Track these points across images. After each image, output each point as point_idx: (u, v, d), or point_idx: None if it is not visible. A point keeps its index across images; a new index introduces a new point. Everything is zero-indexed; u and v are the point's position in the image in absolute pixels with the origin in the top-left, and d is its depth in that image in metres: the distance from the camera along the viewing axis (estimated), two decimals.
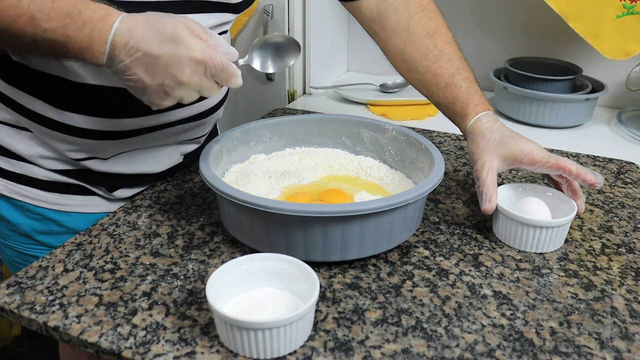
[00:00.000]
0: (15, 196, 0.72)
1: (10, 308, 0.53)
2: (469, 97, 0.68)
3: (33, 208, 0.73)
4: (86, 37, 0.50)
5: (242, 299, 0.51)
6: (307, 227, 0.56)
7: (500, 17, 1.32)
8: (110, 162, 0.73)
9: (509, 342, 0.50)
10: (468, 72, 0.71)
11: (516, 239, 0.63)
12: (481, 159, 0.64)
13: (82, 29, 0.50)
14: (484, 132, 0.65)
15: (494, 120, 0.66)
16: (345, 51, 1.53)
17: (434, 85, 0.71)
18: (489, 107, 0.68)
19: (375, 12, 0.75)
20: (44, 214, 0.73)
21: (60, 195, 0.73)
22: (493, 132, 0.65)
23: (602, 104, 1.26)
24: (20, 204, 0.72)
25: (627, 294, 0.57)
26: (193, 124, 0.76)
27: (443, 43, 0.72)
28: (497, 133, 0.64)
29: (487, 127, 0.65)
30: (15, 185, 0.71)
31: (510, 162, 0.64)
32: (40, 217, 0.73)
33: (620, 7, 1.03)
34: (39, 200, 0.72)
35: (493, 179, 0.63)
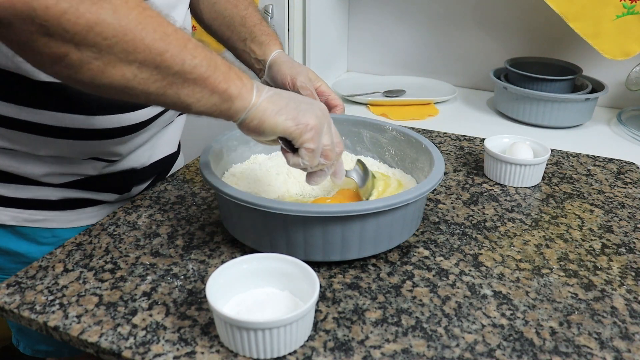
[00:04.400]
0: (25, 223, 0.70)
1: (10, 308, 0.53)
2: (275, 35, 0.81)
3: (43, 233, 0.72)
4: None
5: (242, 299, 0.51)
6: (307, 227, 0.56)
7: (500, 17, 1.32)
8: (122, 161, 0.73)
9: (509, 342, 0.50)
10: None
11: (505, 176, 0.80)
12: (301, 74, 0.75)
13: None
14: (292, 60, 0.78)
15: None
16: (345, 51, 1.53)
17: (240, 25, 0.80)
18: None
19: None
20: (58, 235, 0.72)
21: (71, 212, 0.73)
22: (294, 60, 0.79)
23: (602, 104, 1.27)
24: (29, 232, 0.71)
25: (627, 294, 0.57)
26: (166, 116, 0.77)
27: (248, 3, 0.83)
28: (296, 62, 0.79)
29: (287, 58, 0.79)
30: (24, 212, 0.70)
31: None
32: (53, 240, 0.72)
33: (620, 7, 1.03)
34: (50, 221, 0.72)
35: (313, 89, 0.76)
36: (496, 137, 0.84)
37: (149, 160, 0.78)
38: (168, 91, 0.48)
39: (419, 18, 1.41)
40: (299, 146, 0.55)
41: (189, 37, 0.49)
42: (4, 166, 0.67)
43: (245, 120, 0.53)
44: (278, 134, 0.54)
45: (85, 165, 0.70)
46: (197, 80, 0.49)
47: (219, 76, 0.50)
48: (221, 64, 0.51)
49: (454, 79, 1.42)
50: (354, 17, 1.48)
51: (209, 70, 0.49)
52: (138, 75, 0.46)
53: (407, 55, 1.46)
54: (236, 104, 0.52)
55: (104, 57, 0.44)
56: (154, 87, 0.47)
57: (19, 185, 0.68)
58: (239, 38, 0.80)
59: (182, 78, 0.48)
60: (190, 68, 0.48)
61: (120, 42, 0.43)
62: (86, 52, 0.43)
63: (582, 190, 0.79)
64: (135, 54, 0.45)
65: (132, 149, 0.74)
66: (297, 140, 0.54)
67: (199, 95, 0.50)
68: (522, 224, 0.70)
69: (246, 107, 0.52)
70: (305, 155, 0.55)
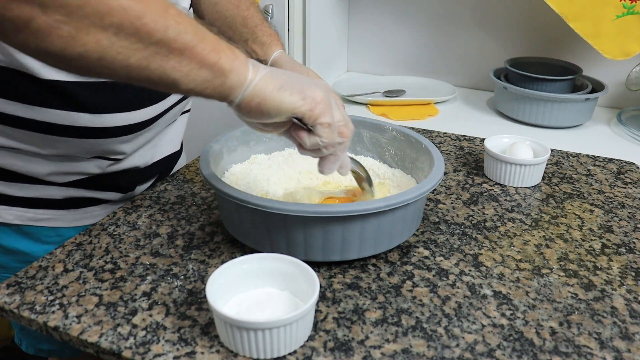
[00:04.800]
0: (29, 223, 0.70)
1: (10, 308, 0.53)
2: (277, 35, 0.80)
3: (48, 232, 0.72)
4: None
5: (242, 299, 0.51)
6: (307, 227, 0.56)
7: (500, 17, 1.32)
8: (126, 159, 0.73)
9: (509, 342, 0.50)
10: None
11: (505, 176, 0.80)
12: (301, 75, 0.75)
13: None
14: (293, 61, 0.77)
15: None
16: (345, 51, 1.53)
17: (242, 26, 0.80)
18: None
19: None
20: (62, 234, 0.72)
21: (76, 211, 0.73)
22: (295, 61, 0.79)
23: (602, 104, 1.27)
24: (33, 231, 0.71)
25: (627, 294, 0.57)
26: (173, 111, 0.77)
27: (250, 4, 0.83)
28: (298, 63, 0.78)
29: (289, 58, 0.78)
30: (29, 211, 0.70)
31: None
32: (57, 239, 0.72)
33: (620, 7, 1.03)
34: (55, 220, 0.72)
35: None
36: (496, 137, 0.84)
37: (152, 159, 0.79)
38: (151, 64, 0.43)
39: (419, 18, 1.41)
40: (313, 123, 0.50)
41: (170, 3, 0.44)
42: (9, 165, 0.67)
43: (244, 99, 0.48)
44: (284, 113, 0.49)
45: (89, 164, 0.70)
46: (183, 50, 0.43)
47: (207, 46, 0.45)
48: (208, 34, 0.46)
49: (454, 79, 1.42)
50: (354, 17, 1.48)
51: (195, 39, 0.44)
52: (116, 42, 0.41)
53: (407, 55, 1.46)
54: (230, 78, 0.46)
55: (75, 21, 0.39)
56: (134, 58, 0.42)
57: (23, 184, 0.68)
58: (240, 38, 0.80)
59: (166, 47, 0.43)
60: (175, 35, 0.42)
61: (92, 3, 0.38)
62: (54, 16, 0.38)
63: (582, 190, 0.79)
64: (110, 17, 0.39)
65: (137, 148, 0.74)
66: (309, 116, 0.49)
67: (186, 68, 0.44)
68: (522, 224, 0.70)
69: (243, 82, 0.47)
70: (323, 131, 0.50)
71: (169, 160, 0.83)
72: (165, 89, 0.46)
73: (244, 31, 0.80)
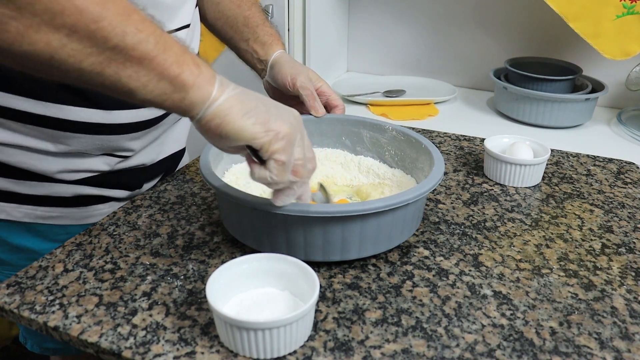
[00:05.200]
0: (39, 220, 0.70)
1: (10, 308, 0.53)
2: (278, 35, 0.81)
3: (56, 229, 0.72)
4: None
5: (242, 299, 0.51)
6: (307, 227, 0.56)
7: (500, 17, 1.32)
8: (135, 156, 0.74)
9: (509, 342, 0.50)
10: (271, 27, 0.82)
11: (505, 176, 0.80)
12: (301, 74, 0.76)
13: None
14: (294, 60, 0.79)
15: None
16: (345, 51, 1.53)
17: (243, 26, 0.80)
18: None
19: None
20: (70, 232, 0.72)
21: (84, 209, 0.73)
22: (295, 60, 0.80)
23: (602, 104, 1.27)
24: (42, 229, 0.71)
25: (627, 294, 0.57)
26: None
27: (252, 4, 0.83)
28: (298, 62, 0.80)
29: (289, 58, 0.79)
30: (38, 209, 0.70)
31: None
32: (65, 237, 0.72)
33: (620, 7, 1.03)
34: (64, 218, 0.72)
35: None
36: (496, 137, 0.84)
37: (157, 157, 0.79)
38: (106, 70, 0.41)
39: (419, 18, 1.41)
40: (268, 157, 0.48)
41: (135, 8, 0.42)
42: (19, 163, 0.67)
43: (203, 117, 0.45)
44: (243, 140, 0.47)
45: (98, 161, 0.70)
46: (141, 59, 0.41)
47: (169, 57, 0.43)
48: (174, 45, 0.44)
49: (454, 79, 1.42)
50: (354, 17, 1.48)
51: (157, 49, 0.42)
52: (67, 44, 0.39)
53: (407, 55, 1.46)
54: (191, 94, 0.44)
55: (24, 18, 0.37)
56: (87, 62, 0.40)
57: (33, 182, 0.68)
58: (241, 38, 0.81)
59: (122, 55, 0.40)
60: (133, 43, 0.40)
61: (45, 0, 0.37)
62: (2, 9, 0.36)
63: (582, 190, 0.79)
64: (62, 17, 0.38)
65: (145, 145, 0.74)
66: (265, 149, 0.47)
67: (144, 79, 0.42)
68: (522, 224, 0.70)
69: (205, 100, 0.45)
70: (274, 168, 0.48)
71: (174, 159, 0.84)
72: (121, 97, 0.44)
73: (245, 31, 0.80)
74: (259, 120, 0.46)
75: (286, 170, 0.49)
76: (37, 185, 0.69)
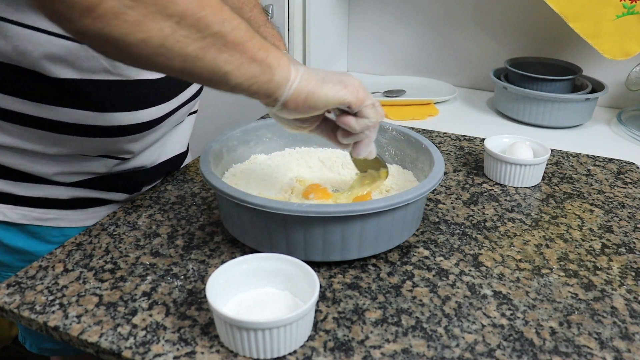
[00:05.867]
0: (35, 222, 0.70)
1: (10, 308, 0.53)
2: (279, 36, 0.80)
3: (53, 232, 0.72)
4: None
5: (242, 299, 0.51)
6: (307, 227, 0.56)
7: (500, 17, 1.32)
8: (134, 159, 0.74)
9: (509, 342, 0.50)
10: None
11: (505, 176, 0.80)
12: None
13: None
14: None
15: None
16: (345, 51, 1.53)
17: None
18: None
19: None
20: (67, 234, 0.72)
21: (82, 211, 0.73)
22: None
23: (602, 104, 1.26)
24: (39, 231, 0.71)
25: (627, 294, 0.57)
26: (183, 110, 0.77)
27: (253, 5, 0.82)
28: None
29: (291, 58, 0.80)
30: (35, 211, 0.69)
31: None
32: (62, 239, 0.72)
33: (620, 7, 1.03)
34: (61, 220, 0.72)
35: None
36: (496, 137, 0.84)
37: (158, 159, 0.79)
38: (207, 54, 0.45)
39: (419, 18, 1.41)
40: (360, 107, 0.53)
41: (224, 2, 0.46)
42: (16, 165, 0.66)
43: (291, 95, 0.50)
44: (332, 103, 0.52)
45: (96, 164, 0.70)
46: (236, 44, 0.45)
47: (256, 43, 0.47)
48: (256, 34, 0.48)
49: (454, 79, 1.42)
50: (354, 17, 1.48)
51: (246, 36, 0.46)
52: (177, 31, 0.42)
53: (407, 55, 1.46)
54: (277, 74, 0.48)
55: (141, 7, 0.40)
56: (192, 47, 0.44)
57: (30, 184, 0.68)
58: None
59: (221, 40, 0.44)
60: (230, 29, 0.45)
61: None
62: (123, 0, 0.39)
63: (582, 190, 0.79)
64: (174, 6, 0.41)
65: (144, 147, 0.74)
66: (355, 102, 0.53)
67: (237, 62, 0.46)
68: (522, 224, 0.70)
69: (288, 79, 0.49)
70: (369, 112, 0.54)
71: (175, 161, 0.83)
72: (214, 83, 0.48)
73: None
74: (335, 82, 0.52)
75: (377, 110, 0.55)
76: (34, 187, 0.69)
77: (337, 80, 0.52)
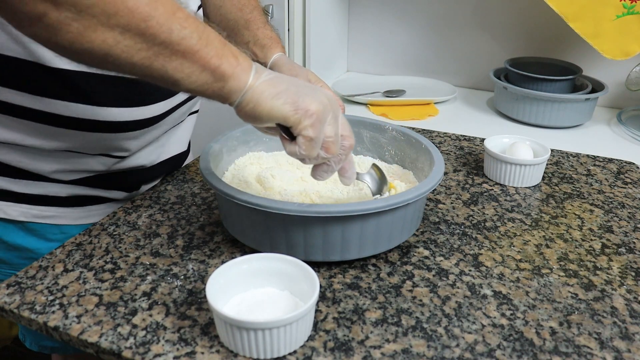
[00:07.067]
0: (34, 219, 0.70)
1: (10, 308, 0.53)
2: (278, 38, 0.81)
3: (52, 229, 0.72)
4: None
5: (242, 299, 0.51)
6: (307, 227, 0.56)
7: (500, 17, 1.32)
8: (132, 157, 0.74)
9: (509, 342, 0.50)
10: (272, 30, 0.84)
11: (505, 176, 0.80)
12: (300, 76, 0.74)
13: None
14: (292, 63, 0.78)
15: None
16: (345, 51, 1.53)
17: (244, 29, 0.81)
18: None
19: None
20: (66, 232, 0.72)
21: (81, 209, 0.73)
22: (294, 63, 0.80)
23: (602, 104, 1.27)
24: (38, 228, 0.71)
25: (627, 294, 0.57)
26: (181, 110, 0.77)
27: (253, 7, 0.84)
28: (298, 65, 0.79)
29: (288, 61, 0.79)
30: (34, 208, 0.70)
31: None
32: (61, 237, 0.72)
33: (620, 7, 1.03)
34: (59, 217, 0.72)
35: None
36: (496, 137, 0.84)
37: (158, 159, 0.79)
38: (154, 63, 0.45)
39: (419, 18, 1.41)
40: (297, 134, 0.51)
41: (179, 6, 0.46)
42: (15, 162, 0.67)
43: (240, 103, 0.50)
44: (274, 119, 0.50)
45: (94, 161, 0.70)
46: (185, 53, 0.45)
47: (210, 51, 0.47)
48: (215, 39, 0.47)
49: (454, 79, 1.42)
50: (354, 17, 1.48)
51: (199, 44, 0.46)
52: (121, 42, 0.43)
53: (407, 55, 1.46)
54: (230, 84, 0.48)
55: (84, 19, 0.41)
56: (138, 56, 0.44)
57: (29, 181, 0.69)
58: (242, 41, 0.81)
59: (169, 49, 0.45)
60: (179, 39, 0.44)
61: (100, 3, 0.41)
62: (65, 13, 0.40)
63: (582, 190, 0.79)
64: (116, 18, 0.42)
65: (142, 146, 0.74)
66: (295, 127, 0.50)
67: (188, 70, 0.46)
68: (522, 224, 0.70)
69: (241, 88, 0.49)
70: (303, 144, 0.51)
71: (176, 161, 0.83)
72: (168, 86, 0.48)
73: (246, 34, 0.81)
74: (288, 100, 0.50)
75: (314, 146, 0.52)
76: (33, 184, 0.69)
77: (294, 98, 0.50)
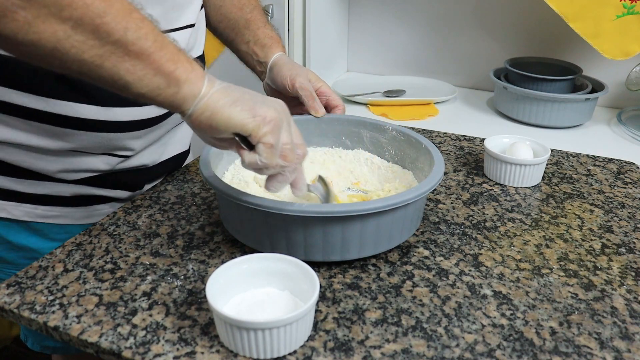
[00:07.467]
0: (38, 219, 0.70)
1: (10, 308, 0.53)
2: (278, 38, 0.82)
3: (56, 229, 0.72)
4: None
5: (242, 299, 0.51)
6: (307, 227, 0.56)
7: (500, 17, 1.32)
8: (136, 157, 0.74)
9: (509, 342, 0.50)
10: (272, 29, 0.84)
11: (505, 176, 0.80)
12: (300, 76, 0.76)
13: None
14: (293, 62, 0.79)
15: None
16: (345, 51, 1.53)
17: (245, 28, 0.81)
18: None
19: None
20: (70, 231, 0.72)
21: (84, 209, 0.73)
22: (294, 62, 0.80)
23: (602, 104, 1.27)
24: (42, 227, 0.71)
25: (627, 294, 0.57)
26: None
27: (253, 7, 0.84)
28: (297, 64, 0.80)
29: (288, 60, 0.79)
30: (38, 208, 0.70)
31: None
32: (65, 237, 0.72)
33: (620, 7, 1.03)
34: (64, 217, 0.72)
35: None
36: (496, 137, 0.84)
37: (160, 158, 0.79)
38: (105, 62, 0.43)
39: (419, 18, 1.41)
40: (257, 141, 0.49)
41: (135, 7, 0.44)
42: (20, 162, 0.67)
43: (195, 111, 0.48)
44: (232, 128, 0.48)
45: (98, 161, 0.70)
46: (139, 54, 0.43)
47: (165, 55, 0.45)
48: (169, 44, 0.46)
49: (454, 79, 1.42)
50: (354, 17, 1.48)
51: (154, 46, 0.44)
52: (72, 36, 0.41)
53: (407, 55, 1.46)
54: (184, 89, 0.46)
55: (33, 8, 0.39)
56: (89, 54, 0.42)
57: (33, 181, 0.69)
58: (242, 40, 0.81)
59: (122, 49, 0.43)
60: (134, 39, 0.43)
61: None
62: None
63: (582, 190, 0.79)
64: (70, 10, 0.40)
65: (146, 145, 0.74)
66: (254, 134, 0.49)
67: (140, 72, 0.44)
68: (522, 224, 0.70)
69: (196, 95, 0.47)
70: (263, 151, 0.49)
71: (177, 160, 0.84)
72: (116, 90, 0.46)
73: (246, 33, 0.81)
74: (245, 107, 0.48)
75: (274, 153, 0.50)
76: (38, 184, 0.69)
77: (250, 105, 0.49)
